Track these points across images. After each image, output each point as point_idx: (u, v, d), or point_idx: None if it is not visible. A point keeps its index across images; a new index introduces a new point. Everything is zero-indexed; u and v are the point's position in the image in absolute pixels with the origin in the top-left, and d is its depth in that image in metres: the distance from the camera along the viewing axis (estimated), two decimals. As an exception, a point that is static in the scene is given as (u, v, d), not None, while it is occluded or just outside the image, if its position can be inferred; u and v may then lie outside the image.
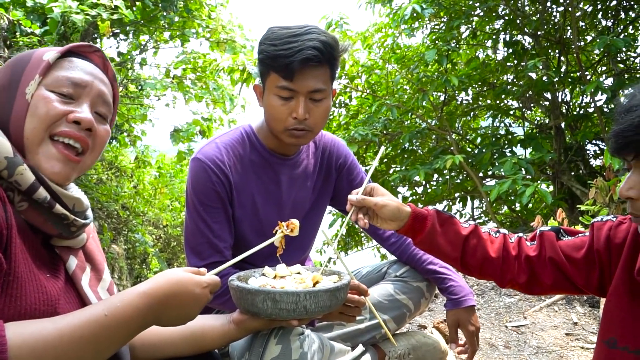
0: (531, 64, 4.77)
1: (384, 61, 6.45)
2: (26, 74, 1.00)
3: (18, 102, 0.98)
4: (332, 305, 1.31)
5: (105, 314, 0.90)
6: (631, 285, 1.17)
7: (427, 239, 1.39)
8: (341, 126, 6.96)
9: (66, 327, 0.86)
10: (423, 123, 6.44)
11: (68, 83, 1.01)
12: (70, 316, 0.88)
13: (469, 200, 7.06)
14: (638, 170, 1.02)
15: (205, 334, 1.30)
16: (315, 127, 1.63)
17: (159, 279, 1.00)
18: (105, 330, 0.89)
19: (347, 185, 1.94)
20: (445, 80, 5.26)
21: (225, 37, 6.89)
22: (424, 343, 1.91)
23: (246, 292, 1.27)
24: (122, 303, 0.93)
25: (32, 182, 0.92)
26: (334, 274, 1.48)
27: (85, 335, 0.86)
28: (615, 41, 4.34)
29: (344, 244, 7.26)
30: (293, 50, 1.50)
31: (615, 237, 1.23)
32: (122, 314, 0.92)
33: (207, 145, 1.69)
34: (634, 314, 1.15)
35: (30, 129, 0.97)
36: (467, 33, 6.17)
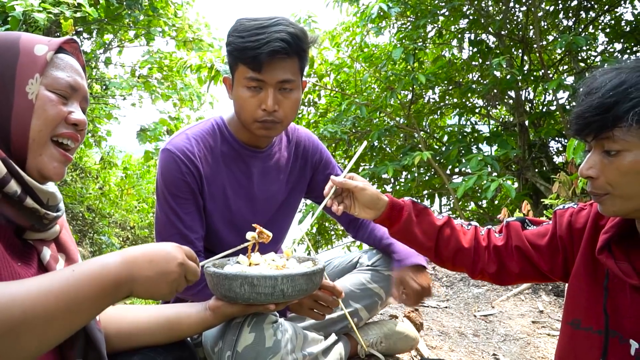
0: (496, 62, 4.86)
1: (352, 60, 6.49)
2: (21, 69, 0.97)
3: (19, 101, 0.96)
4: (308, 288, 1.33)
5: (73, 270, 0.87)
6: (592, 266, 1.21)
7: (403, 228, 1.41)
8: (310, 124, 6.97)
9: (33, 284, 0.82)
10: (391, 121, 6.50)
11: (66, 85, 1.02)
12: (37, 277, 0.85)
13: (436, 197, 7.16)
14: (597, 150, 1.05)
15: (182, 320, 1.29)
16: (285, 119, 1.62)
17: (135, 247, 1.00)
18: (74, 286, 0.85)
19: (324, 179, 1.95)
20: (412, 78, 5.32)
21: (192, 36, 6.83)
22: (395, 332, 1.93)
23: (223, 278, 1.27)
24: (93, 261, 0.91)
25: (3, 176, 0.90)
26: (309, 260, 1.49)
27: (53, 291, 0.82)
28: (577, 39, 4.46)
29: (314, 242, 7.27)
30: (260, 42, 1.49)
31: (576, 222, 1.26)
32: (91, 271, 0.89)
33: (177, 136, 1.67)
34: (595, 294, 1.18)
35: (37, 130, 0.97)
36: (433, 32, 6.26)
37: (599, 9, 5.91)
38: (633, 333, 1.10)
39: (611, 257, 1.13)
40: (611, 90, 0.99)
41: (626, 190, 1.02)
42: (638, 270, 1.09)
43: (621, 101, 0.97)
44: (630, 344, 1.10)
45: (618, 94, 0.98)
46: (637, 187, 1.01)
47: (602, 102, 0.99)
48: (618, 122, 0.98)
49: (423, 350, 2.07)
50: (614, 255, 1.13)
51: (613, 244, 1.15)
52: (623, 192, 1.02)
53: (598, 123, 1.00)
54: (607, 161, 1.02)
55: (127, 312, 1.27)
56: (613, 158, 1.01)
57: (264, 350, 1.43)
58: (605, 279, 1.17)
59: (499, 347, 2.32)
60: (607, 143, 1.01)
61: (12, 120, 0.95)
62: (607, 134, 1.00)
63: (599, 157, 1.04)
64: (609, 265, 1.13)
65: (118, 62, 7.62)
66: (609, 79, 1.01)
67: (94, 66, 7.50)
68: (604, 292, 1.16)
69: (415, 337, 1.98)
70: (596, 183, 1.06)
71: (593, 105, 1.00)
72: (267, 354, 1.43)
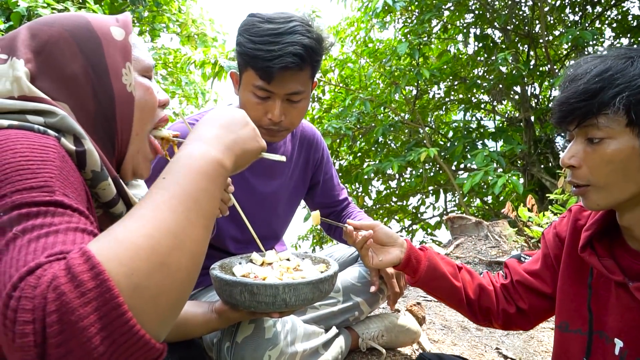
0: (501, 56, 4.83)
1: (356, 55, 6.47)
2: (110, 59, 0.87)
3: (120, 94, 0.88)
4: (314, 297, 1.25)
5: (164, 177, 0.70)
6: (576, 266, 1.20)
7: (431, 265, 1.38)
8: (314, 120, 6.96)
9: (144, 208, 0.64)
10: (396, 117, 6.48)
11: (150, 67, 0.96)
12: (142, 200, 0.67)
13: (442, 193, 7.14)
14: (580, 139, 1.03)
15: (187, 322, 1.28)
16: (291, 126, 1.60)
17: (197, 126, 0.84)
18: (183, 191, 0.68)
19: (320, 182, 1.94)
20: (417, 73, 5.30)
21: (196, 31, 6.82)
22: (396, 325, 1.91)
23: (224, 283, 1.22)
24: (186, 159, 0.73)
25: (113, 197, 0.85)
26: (322, 262, 1.44)
27: (165, 203, 0.65)
28: (583, 34, 4.43)
29: (318, 238, 7.27)
30: (273, 55, 1.42)
31: (560, 231, 1.26)
32: (191, 168, 0.72)
33: (175, 123, 1.66)
34: (581, 294, 1.17)
35: (141, 124, 0.92)
36: (438, 27, 6.23)
37: (605, 3, 5.86)
38: (617, 331, 1.08)
39: (594, 255, 1.11)
40: (597, 76, 0.97)
41: (608, 180, 1.00)
42: (622, 266, 1.08)
43: (607, 87, 0.96)
44: (615, 342, 1.08)
45: (604, 80, 0.96)
46: (618, 177, 0.99)
47: (588, 88, 0.98)
48: (603, 108, 0.96)
49: (425, 344, 2.05)
50: (596, 252, 1.12)
51: (595, 241, 1.13)
52: (605, 181, 1.00)
53: (583, 109, 0.99)
54: (590, 149, 1.01)
55: None
56: (596, 146, 0.99)
57: (263, 341, 1.42)
58: (590, 277, 1.15)
59: (502, 341, 2.31)
60: (591, 130, 0.99)
61: (117, 116, 0.88)
62: (591, 120, 0.99)
63: (582, 146, 1.02)
64: (593, 262, 1.11)
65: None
66: (594, 66, 1.00)
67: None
68: (588, 290, 1.15)
69: (417, 330, 1.96)
70: (578, 173, 1.04)
71: (578, 91, 0.99)
72: (266, 346, 1.42)
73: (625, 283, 1.04)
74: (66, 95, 0.82)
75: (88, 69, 0.84)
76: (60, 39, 0.83)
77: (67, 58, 0.83)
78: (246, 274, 1.32)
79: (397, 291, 1.72)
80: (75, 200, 0.67)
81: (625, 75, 0.95)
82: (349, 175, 6.95)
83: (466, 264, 3.22)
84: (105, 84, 0.86)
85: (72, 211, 0.64)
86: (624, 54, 0.98)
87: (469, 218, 3.67)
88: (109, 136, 0.88)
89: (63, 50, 0.83)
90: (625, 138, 0.96)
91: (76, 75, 0.83)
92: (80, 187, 0.71)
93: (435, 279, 1.35)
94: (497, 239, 3.42)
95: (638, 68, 0.95)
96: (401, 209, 7.48)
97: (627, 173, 0.97)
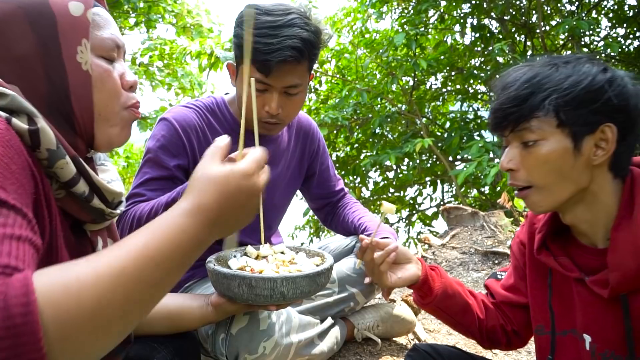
0: (498, 47, 4.82)
1: (353, 45, 6.45)
2: (64, 36, 0.83)
3: (73, 73, 0.84)
4: (311, 290, 1.26)
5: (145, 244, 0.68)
6: (537, 269, 1.24)
7: (446, 282, 1.37)
8: (311, 111, 6.94)
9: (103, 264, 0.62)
10: (393, 108, 6.47)
11: (113, 46, 0.90)
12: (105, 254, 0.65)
13: (439, 184, 7.15)
14: (515, 143, 1.08)
15: (183, 315, 1.27)
16: (287, 118, 1.60)
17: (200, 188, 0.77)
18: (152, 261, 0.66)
19: (316, 173, 1.94)
20: (414, 63, 5.28)
21: (192, 22, 6.79)
22: (392, 315, 1.92)
23: (222, 276, 1.22)
24: (167, 228, 0.70)
25: (73, 176, 0.81)
26: (318, 255, 1.45)
27: (128, 269, 0.63)
28: (580, 23, 4.41)
29: (316, 228, 7.28)
30: (271, 48, 1.42)
31: (522, 238, 1.30)
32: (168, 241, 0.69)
33: (175, 107, 1.65)
34: (545, 297, 1.21)
35: (103, 105, 0.88)
36: (435, 17, 6.20)
37: (602, -7, 5.85)
38: (584, 327, 1.11)
39: (550, 255, 1.16)
40: (525, 82, 1.04)
41: (546, 180, 1.05)
42: (578, 263, 1.12)
43: (536, 92, 1.02)
44: (585, 338, 1.11)
45: (532, 85, 1.03)
46: (555, 176, 1.04)
47: (518, 94, 1.04)
48: (534, 111, 1.02)
49: (420, 334, 2.06)
50: (552, 252, 1.16)
51: (549, 241, 1.18)
52: (544, 181, 1.06)
53: (516, 114, 1.04)
54: (526, 152, 1.06)
55: None
56: (531, 149, 1.05)
57: (258, 333, 1.43)
58: (549, 277, 1.20)
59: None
60: (525, 134, 1.05)
61: (73, 97, 0.84)
62: (524, 124, 1.04)
63: (518, 150, 1.08)
64: (549, 262, 1.16)
65: (118, 49, 7.58)
66: (523, 73, 1.06)
67: (95, 54, 7.46)
68: (548, 289, 1.20)
69: (412, 320, 1.97)
70: (517, 175, 1.09)
71: (510, 98, 1.05)
72: (261, 337, 1.42)
73: (582, 279, 1.08)
74: (16, 77, 0.79)
75: (39, 48, 0.80)
76: (11, 17, 0.79)
77: (17, 37, 0.79)
78: (242, 266, 1.32)
79: None
80: (14, 194, 0.64)
81: (551, 79, 1.02)
82: (346, 166, 6.95)
83: (462, 254, 3.23)
84: (57, 63, 0.82)
85: (7, 209, 0.62)
86: (549, 62, 1.06)
87: (465, 208, 3.68)
88: (65, 117, 0.84)
89: (13, 29, 0.79)
90: (557, 138, 1.02)
91: (26, 55, 0.80)
92: (25, 176, 0.69)
93: (450, 297, 1.34)
94: (493, 229, 3.44)
95: (563, 73, 1.02)
96: (398, 199, 7.49)
97: (562, 172, 1.03)
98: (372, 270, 1.33)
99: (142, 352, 1.14)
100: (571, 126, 1.01)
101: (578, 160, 1.02)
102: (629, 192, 1.04)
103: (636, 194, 1.03)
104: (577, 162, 1.03)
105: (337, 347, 1.75)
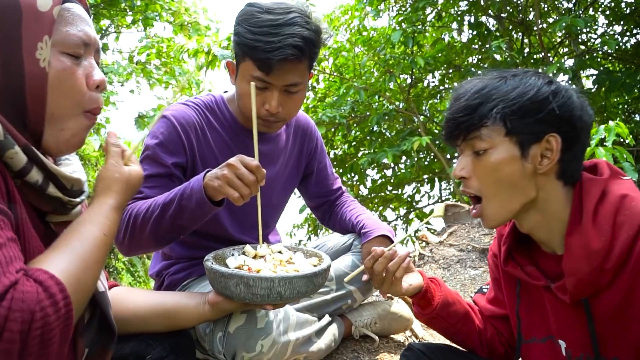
0: (495, 44, 4.82)
1: (350, 43, 6.44)
2: (26, 31, 0.83)
3: (31, 69, 0.84)
4: (308, 291, 1.28)
5: (104, 234, 0.90)
6: (507, 279, 1.27)
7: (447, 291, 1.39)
8: (309, 109, 6.94)
9: (86, 254, 0.85)
10: (391, 105, 6.47)
11: (79, 43, 0.90)
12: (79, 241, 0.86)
13: (437, 181, 7.15)
14: (467, 152, 1.13)
15: (179, 312, 1.28)
16: (287, 117, 1.60)
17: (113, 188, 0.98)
18: (106, 248, 0.90)
19: (314, 172, 1.94)
20: (411, 61, 5.28)
21: (189, 19, 6.77)
22: (389, 312, 1.93)
23: (220, 275, 1.24)
24: (109, 220, 0.93)
25: (24, 165, 0.82)
26: (315, 255, 1.45)
27: (99, 258, 0.88)
28: (576, 21, 4.42)
29: (314, 226, 7.27)
30: (272, 47, 1.42)
31: (495, 250, 1.33)
32: (112, 231, 0.93)
33: (174, 105, 1.65)
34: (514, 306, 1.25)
35: (56, 106, 0.88)
36: (432, 15, 6.20)
37: (599, -10, 5.85)
38: (558, 333, 1.14)
39: (517, 265, 1.19)
40: (475, 93, 1.10)
41: (496, 189, 1.10)
42: (544, 270, 1.15)
43: (485, 102, 1.08)
44: (560, 343, 1.14)
45: (482, 96, 1.09)
46: (505, 186, 1.09)
47: (468, 104, 1.10)
48: (483, 119, 1.08)
49: (418, 331, 2.07)
50: (518, 262, 1.20)
51: (514, 252, 1.21)
52: (494, 190, 1.10)
53: (466, 123, 1.10)
54: (477, 160, 1.11)
55: (128, 297, 1.26)
56: (482, 157, 1.10)
57: (256, 331, 1.43)
58: (517, 286, 1.24)
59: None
60: (476, 142, 1.10)
61: (27, 92, 0.84)
62: (475, 133, 1.10)
63: (470, 158, 1.13)
64: (516, 273, 1.19)
65: (115, 48, 7.59)
66: (474, 85, 1.12)
67: (92, 52, 7.44)
68: (517, 299, 1.23)
69: (409, 317, 1.98)
70: (468, 183, 1.14)
71: (460, 108, 1.11)
72: (258, 335, 1.43)
73: (549, 286, 1.12)
74: None
75: (1, 38, 0.81)
76: None
77: None
78: (239, 265, 1.32)
79: None
80: None
81: (499, 90, 1.08)
82: (344, 164, 6.94)
83: (459, 251, 3.24)
84: (16, 57, 0.83)
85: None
86: (498, 75, 1.12)
87: (462, 206, 3.69)
88: (17, 111, 0.85)
89: None
90: (506, 146, 1.08)
91: None
92: None
93: (451, 304, 1.35)
94: (491, 227, 3.44)
95: (510, 85, 1.08)
96: (396, 197, 7.49)
97: (512, 181, 1.08)
98: (383, 280, 1.32)
99: (138, 349, 1.15)
100: (518, 134, 1.07)
101: (525, 169, 1.07)
102: (578, 197, 1.08)
103: (585, 199, 1.06)
104: (525, 170, 1.07)
105: (334, 345, 1.76)
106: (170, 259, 1.76)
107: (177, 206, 1.37)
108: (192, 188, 1.36)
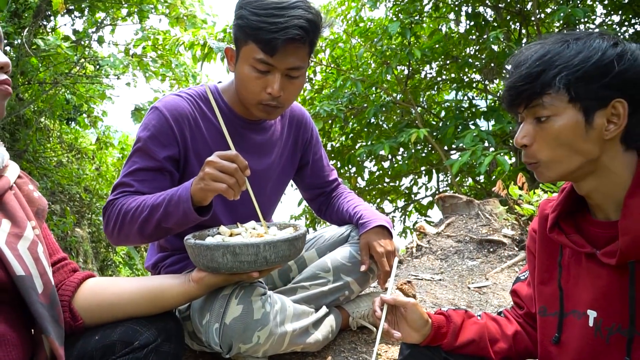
0: (493, 35, 4.81)
1: (347, 35, 6.41)
2: None
3: None
4: (291, 254, 1.33)
5: None
6: (547, 250, 1.25)
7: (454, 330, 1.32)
8: (306, 101, 6.92)
9: None
10: (388, 97, 6.45)
11: None
12: None
13: (434, 173, 7.15)
14: (529, 120, 1.11)
15: (165, 292, 1.27)
16: (287, 103, 1.59)
17: None
18: None
19: (310, 163, 1.93)
20: (408, 52, 5.26)
21: (185, 12, 6.73)
22: (387, 303, 1.92)
23: (204, 249, 1.26)
24: None
25: None
26: (289, 226, 1.49)
27: None
28: (575, 11, 4.41)
29: (312, 218, 7.28)
30: (278, 27, 1.43)
31: (534, 227, 1.31)
32: None
33: (167, 96, 1.64)
34: (553, 277, 1.23)
35: None
36: (429, 5, 6.17)
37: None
38: (590, 303, 1.13)
39: (562, 233, 1.18)
40: (537, 60, 1.06)
41: (555, 154, 1.08)
42: (589, 238, 1.14)
43: (547, 69, 1.05)
44: (589, 314, 1.13)
45: (544, 62, 1.05)
46: (565, 150, 1.07)
47: (530, 71, 1.06)
48: (546, 88, 1.05)
49: (416, 322, 2.07)
50: (564, 230, 1.18)
51: (561, 221, 1.20)
52: (552, 156, 1.08)
53: (528, 92, 1.07)
54: (539, 128, 1.08)
55: (111, 283, 1.26)
56: (544, 124, 1.07)
57: (252, 322, 1.43)
58: (559, 255, 1.22)
59: (492, 318, 2.33)
60: (538, 110, 1.07)
61: None
62: (537, 101, 1.07)
63: (532, 126, 1.10)
64: (561, 240, 1.18)
65: (111, 40, 7.54)
66: (535, 51, 1.09)
67: (87, 45, 7.42)
68: (558, 268, 1.21)
69: (407, 309, 1.97)
70: (529, 151, 1.12)
71: (522, 76, 1.07)
72: (255, 326, 1.43)
73: (593, 253, 1.11)
74: None
75: None
76: None
77: None
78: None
79: (388, 270, 1.72)
80: None
81: (562, 56, 1.04)
82: (341, 156, 6.94)
83: (457, 242, 3.24)
84: None
85: None
86: (560, 39, 1.08)
87: (459, 197, 3.68)
88: None
89: None
90: (569, 114, 1.05)
91: None
92: None
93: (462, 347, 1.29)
94: (488, 218, 3.44)
95: (573, 50, 1.04)
96: (394, 189, 7.49)
97: (573, 146, 1.06)
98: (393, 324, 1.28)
99: (125, 335, 1.15)
100: (582, 101, 1.03)
101: (590, 135, 1.04)
102: None
103: None
104: (589, 137, 1.05)
105: (332, 336, 1.76)
106: (167, 250, 1.75)
107: (164, 211, 1.40)
108: (179, 196, 1.39)
